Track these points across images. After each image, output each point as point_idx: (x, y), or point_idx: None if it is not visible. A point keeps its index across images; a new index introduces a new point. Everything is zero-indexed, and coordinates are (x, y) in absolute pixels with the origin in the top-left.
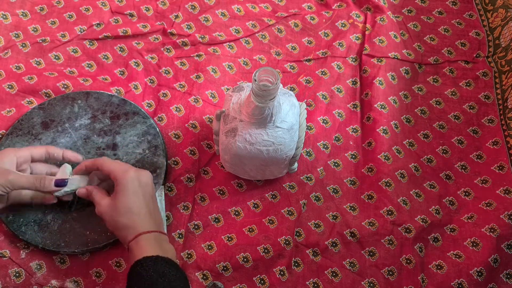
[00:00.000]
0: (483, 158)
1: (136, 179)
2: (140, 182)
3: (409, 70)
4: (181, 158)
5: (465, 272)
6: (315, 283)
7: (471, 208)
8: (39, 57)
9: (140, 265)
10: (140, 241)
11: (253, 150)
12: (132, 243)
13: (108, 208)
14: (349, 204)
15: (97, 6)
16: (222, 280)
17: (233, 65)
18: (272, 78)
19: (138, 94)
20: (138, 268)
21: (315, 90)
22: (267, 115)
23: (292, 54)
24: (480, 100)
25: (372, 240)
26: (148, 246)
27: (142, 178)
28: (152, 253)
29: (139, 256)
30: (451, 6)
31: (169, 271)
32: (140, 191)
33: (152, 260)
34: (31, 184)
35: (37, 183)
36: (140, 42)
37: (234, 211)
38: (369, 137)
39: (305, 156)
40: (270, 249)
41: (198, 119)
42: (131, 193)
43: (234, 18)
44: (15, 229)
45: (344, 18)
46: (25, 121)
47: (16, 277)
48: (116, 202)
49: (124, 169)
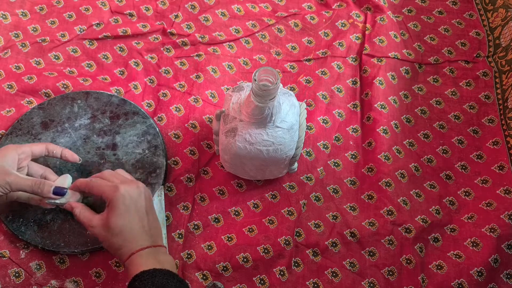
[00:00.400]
0: (483, 158)
1: (127, 195)
2: (131, 197)
3: (409, 70)
4: (181, 158)
5: (465, 272)
6: (315, 283)
7: (471, 208)
8: (38, 57)
9: (138, 280)
10: (134, 260)
11: (253, 150)
12: (127, 262)
13: (101, 228)
14: (349, 204)
15: (97, 6)
16: (222, 280)
17: (233, 65)
18: (272, 78)
19: (138, 94)
20: (136, 284)
21: (315, 90)
22: (267, 115)
23: (292, 54)
24: (480, 100)
25: (372, 240)
26: (144, 262)
27: (133, 193)
28: (149, 266)
29: (135, 272)
30: (451, 6)
31: (168, 282)
32: (132, 207)
33: (149, 274)
34: (29, 187)
35: (35, 188)
36: (140, 42)
37: (234, 211)
38: (369, 137)
39: (305, 156)
40: (270, 249)
41: (198, 119)
42: (122, 212)
43: (234, 18)
44: (15, 229)
45: (344, 18)
46: (24, 121)
47: (15, 277)
48: (108, 223)
49: (113, 187)
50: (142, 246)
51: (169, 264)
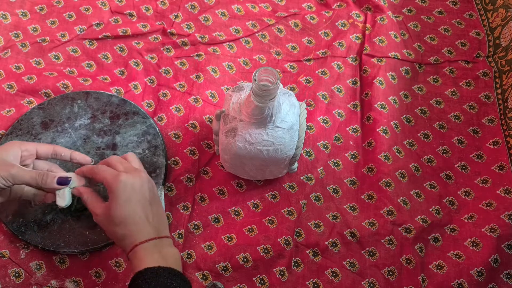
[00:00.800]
0: (483, 158)
1: (128, 185)
2: (133, 186)
3: (409, 70)
4: (181, 158)
5: (465, 272)
6: (315, 283)
7: (471, 208)
8: (38, 57)
9: (141, 278)
10: (138, 252)
11: (253, 150)
12: (131, 254)
13: (103, 217)
14: (349, 204)
15: (97, 6)
16: (222, 280)
17: (233, 65)
18: (272, 78)
19: (137, 94)
20: (139, 281)
21: (315, 90)
22: (267, 115)
23: (292, 54)
24: (480, 100)
25: (372, 240)
26: (148, 256)
27: (136, 182)
28: (153, 263)
29: (139, 267)
30: (451, 6)
31: (172, 282)
32: (134, 197)
33: (153, 272)
34: (33, 179)
35: (39, 179)
36: (140, 42)
37: (234, 211)
38: (369, 137)
39: (305, 156)
40: (270, 249)
41: (198, 119)
42: (123, 200)
43: (234, 18)
44: (15, 229)
45: (344, 18)
46: (24, 121)
47: (15, 277)
48: (110, 212)
49: (115, 176)
50: (146, 238)
51: (173, 259)
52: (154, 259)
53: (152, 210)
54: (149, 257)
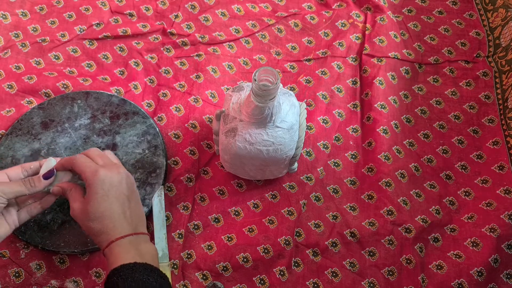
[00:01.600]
0: (483, 158)
1: (107, 180)
2: (111, 182)
3: (409, 70)
4: (181, 158)
5: (465, 272)
6: (315, 283)
7: (471, 208)
8: (38, 57)
9: (117, 275)
10: (114, 249)
11: (253, 150)
12: (106, 250)
13: (79, 212)
14: (349, 204)
15: (97, 6)
16: (222, 280)
17: (233, 65)
18: (272, 78)
19: (137, 94)
20: (115, 278)
21: (315, 90)
22: (267, 115)
23: (292, 54)
24: (480, 100)
25: (372, 240)
26: (124, 253)
27: (113, 178)
28: (129, 259)
29: (115, 264)
30: (451, 6)
31: (148, 278)
32: (112, 193)
33: (129, 268)
34: (22, 187)
35: (27, 185)
36: (140, 42)
37: (234, 211)
38: (369, 137)
39: (305, 156)
40: (270, 249)
41: (198, 119)
42: (100, 196)
43: (234, 18)
44: (15, 229)
45: (344, 18)
46: (24, 121)
47: (15, 277)
48: (87, 207)
49: (93, 170)
50: (122, 234)
51: (150, 255)
52: (130, 256)
53: (130, 206)
54: (125, 254)
